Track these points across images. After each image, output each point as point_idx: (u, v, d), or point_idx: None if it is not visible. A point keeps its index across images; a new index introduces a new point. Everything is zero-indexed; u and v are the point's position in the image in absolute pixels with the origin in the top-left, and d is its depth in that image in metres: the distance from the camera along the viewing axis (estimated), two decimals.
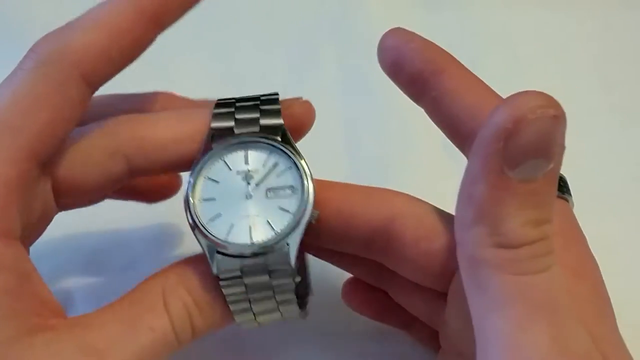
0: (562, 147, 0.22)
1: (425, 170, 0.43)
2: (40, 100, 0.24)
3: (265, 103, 0.28)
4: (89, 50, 0.24)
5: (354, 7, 0.48)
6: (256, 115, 0.27)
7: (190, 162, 0.27)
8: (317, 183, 0.27)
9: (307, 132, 0.29)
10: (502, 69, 0.46)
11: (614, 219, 0.41)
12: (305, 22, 0.48)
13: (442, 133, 0.45)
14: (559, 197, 0.25)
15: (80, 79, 0.24)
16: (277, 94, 0.28)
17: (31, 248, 0.28)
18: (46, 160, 0.25)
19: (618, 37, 0.48)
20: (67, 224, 0.30)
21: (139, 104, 0.31)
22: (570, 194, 0.27)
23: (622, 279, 0.39)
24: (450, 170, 0.43)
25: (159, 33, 0.27)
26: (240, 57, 0.46)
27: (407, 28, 0.28)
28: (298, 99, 0.28)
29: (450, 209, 0.42)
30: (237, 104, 0.28)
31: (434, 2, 0.49)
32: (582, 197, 0.42)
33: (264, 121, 0.27)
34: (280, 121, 0.27)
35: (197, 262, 0.26)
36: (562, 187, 0.26)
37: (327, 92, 0.45)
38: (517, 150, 0.21)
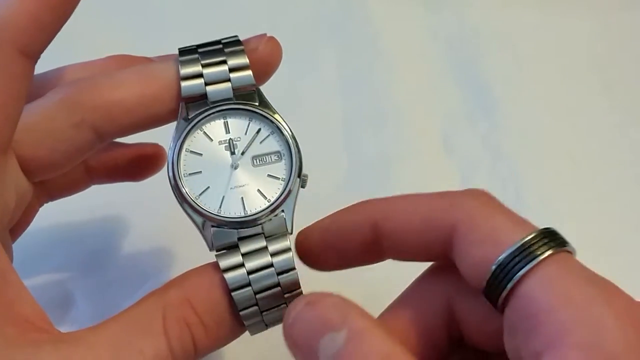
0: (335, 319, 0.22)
1: (425, 170, 0.43)
2: None
3: (228, 45, 0.27)
4: (18, 22, 0.23)
5: (354, 7, 0.48)
6: (222, 58, 0.26)
7: (160, 120, 0.26)
8: (377, 200, 0.26)
9: (274, 72, 0.28)
10: (502, 69, 0.46)
11: (614, 219, 0.41)
12: (305, 23, 0.48)
13: (442, 133, 0.45)
14: (562, 251, 0.23)
15: (19, 54, 0.23)
16: (236, 36, 0.27)
17: (31, 248, 0.28)
18: (6, 145, 0.23)
19: (618, 37, 0.48)
20: (66, 224, 0.30)
21: (97, 71, 0.29)
22: (565, 243, 0.24)
23: (622, 279, 0.39)
24: (450, 170, 0.43)
25: None
26: None
27: (407, 27, 0.28)
28: (262, 37, 0.27)
29: None
30: (200, 50, 0.27)
31: (433, 2, 0.49)
32: (583, 197, 0.43)
33: (232, 62, 0.26)
34: (246, 60, 0.26)
35: (201, 275, 0.25)
36: (552, 241, 0.23)
37: (326, 92, 0.45)
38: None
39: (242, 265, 0.24)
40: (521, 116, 0.44)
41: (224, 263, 0.24)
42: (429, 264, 0.27)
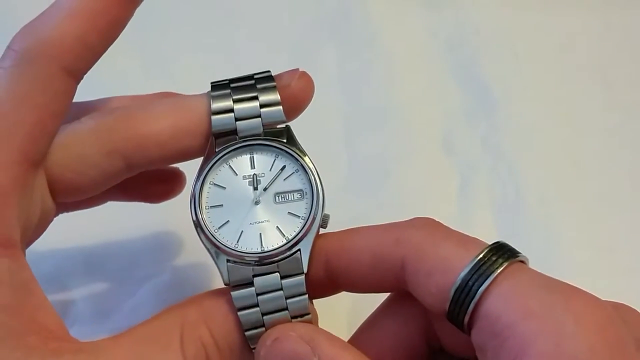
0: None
1: (425, 170, 0.43)
2: (25, 101, 0.23)
3: (260, 81, 0.27)
4: (66, 41, 0.24)
5: (354, 7, 0.48)
6: (254, 94, 0.26)
7: (190, 153, 0.27)
8: (329, 236, 0.26)
9: (305, 108, 0.28)
10: (502, 69, 0.46)
11: (614, 219, 0.41)
12: (305, 22, 0.48)
13: (442, 133, 0.45)
14: (514, 262, 0.23)
15: (63, 72, 0.24)
16: (269, 71, 0.27)
17: (32, 250, 0.28)
18: (39, 160, 0.24)
19: (618, 37, 0.48)
20: (66, 226, 0.30)
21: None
22: (517, 254, 0.24)
23: (622, 279, 0.39)
24: (450, 170, 0.43)
25: (136, 8, 0.26)
26: (241, 57, 0.46)
27: (407, 27, 0.28)
28: (295, 72, 0.27)
29: (450, 208, 0.42)
30: (232, 85, 0.27)
31: (433, 1, 0.49)
32: (583, 197, 0.43)
33: (263, 98, 0.26)
34: (277, 97, 0.26)
35: (220, 297, 0.25)
36: (503, 254, 0.23)
37: (327, 92, 0.45)
38: None
39: (256, 305, 0.24)
40: (521, 116, 0.44)
41: (238, 302, 0.24)
42: None
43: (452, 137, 0.44)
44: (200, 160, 0.27)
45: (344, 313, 0.35)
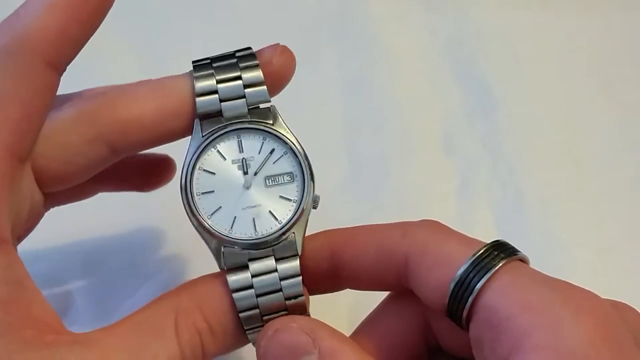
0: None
1: (425, 170, 0.43)
2: (9, 97, 0.23)
3: (243, 59, 0.27)
4: (47, 34, 0.23)
5: (354, 7, 0.48)
6: (237, 73, 0.26)
7: (175, 135, 0.26)
8: (336, 230, 0.27)
9: (288, 83, 0.27)
10: (502, 69, 0.46)
11: (614, 219, 0.41)
12: (305, 23, 0.48)
13: (442, 133, 0.45)
14: (514, 260, 0.23)
15: (45, 66, 0.23)
16: (250, 48, 0.27)
17: (30, 249, 0.28)
18: (26, 155, 0.24)
19: (618, 37, 0.48)
20: (65, 225, 0.30)
21: None
22: (516, 252, 0.24)
23: (622, 279, 0.39)
24: (450, 170, 0.44)
25: None
26: None
27: (407, 27, 0.28)
28: (276, 48, 0.27)
29: (450, 208, 0.42)
30: (214, 64, 0.27)
31: (434, 2, 0.49)
32: (583, 197, 0.43)
33: (246, 77, 0.26)
34: (260, 75, 0.26)
35: (213, 282, 0.25)
36: (503, 251, 0.24)
37: (327, 92, 0.45)
38: None
39: (250, 287, 0.25)
40: (521, 116, 0.44)
41: (233, 284, 0.25)
42: None
43: (452, 137, 0.44)
44: (184, 141, 0.26)
45: (344, 312, 0.35)
